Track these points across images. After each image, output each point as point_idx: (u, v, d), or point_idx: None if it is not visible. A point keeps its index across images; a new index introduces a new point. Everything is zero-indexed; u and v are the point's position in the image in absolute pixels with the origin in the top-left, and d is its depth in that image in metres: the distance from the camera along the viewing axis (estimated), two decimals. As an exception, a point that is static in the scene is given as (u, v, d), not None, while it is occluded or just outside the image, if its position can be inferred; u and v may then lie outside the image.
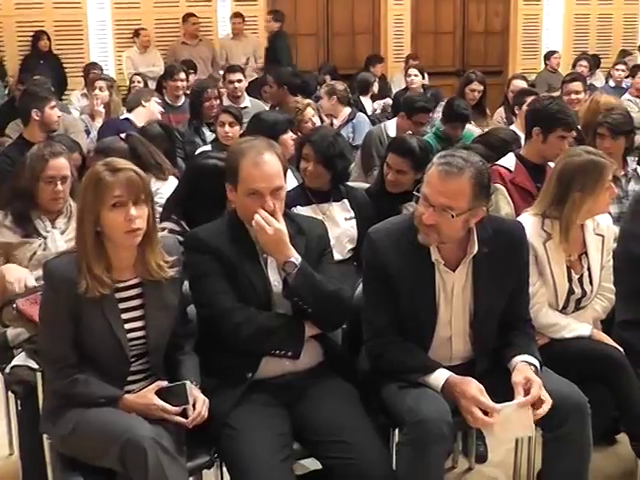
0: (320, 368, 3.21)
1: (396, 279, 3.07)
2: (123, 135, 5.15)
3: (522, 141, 5.11)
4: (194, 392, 2.93)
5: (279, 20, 11.28)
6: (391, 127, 6.40)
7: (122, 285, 2.96)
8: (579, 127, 5.83)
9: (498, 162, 4.54)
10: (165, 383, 2.94)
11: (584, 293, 3.63)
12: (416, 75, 9.68)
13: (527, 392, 2.96)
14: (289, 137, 5.05)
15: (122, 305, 2.96)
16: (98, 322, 2.89)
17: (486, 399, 2.92)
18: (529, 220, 3.56)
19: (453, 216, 2.94)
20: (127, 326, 2.95)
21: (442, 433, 2.86)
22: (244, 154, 3.10)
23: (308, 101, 6.36)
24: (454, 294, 3.13)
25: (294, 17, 12.20)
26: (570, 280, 3.59)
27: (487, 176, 3.03)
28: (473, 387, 2.95)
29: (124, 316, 2.95)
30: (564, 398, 3.03)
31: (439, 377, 3.02)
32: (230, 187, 3.16)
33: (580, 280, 3.62)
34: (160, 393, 2.90)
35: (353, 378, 3.24)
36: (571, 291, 3.60)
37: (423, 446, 2.86)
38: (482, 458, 4.05)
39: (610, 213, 4.32)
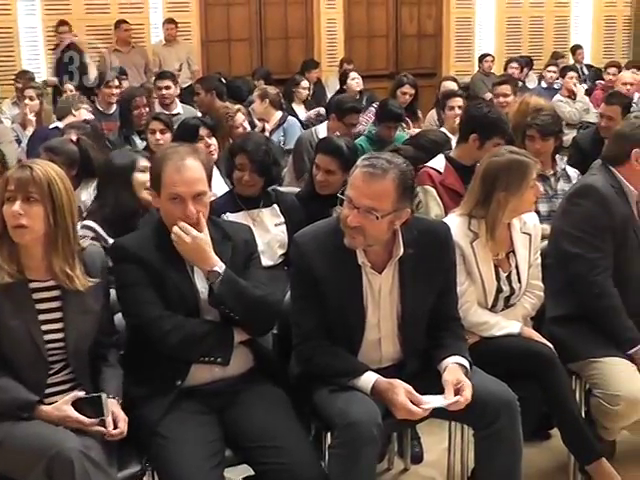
0: (251, 374, 3.21)
1: (323, 283, 3.08)
2: (74, 137, 5.02)
3: (453, 143, 5.14)
4: (111, 406, 2.89)
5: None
6: (322, 131, 6.39)
7: (39, 285, 2.94)
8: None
9: (428, 164, 4.57)
10: (82, 394, 2.90)
11: (512, 291, 3.67)
12: (356, 78, 9.74)
13: (456, 392, 2.98)
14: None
15: (40, 306, 2.94)
16: (13, 320, 2.86)
17: (414, 403, 2.95)
18: (455, 220, 3.60)
19: (378, 218, 2.95)
20: (45, 327, 2.92)
21: (372, 435, 2.87)
22: (167, 160, 3.09)
23: (238, 106, 6.34)
24: (381, 296, 3.14)
25: (227, 22, 12.18)
26: (498, 279, 3.63)
27: (411, 178, 3.05)
28: (401, 394, 2.96)
29: (42, 317, 2.93)
30: (494, 396, 3.07)
31: (368, 380, 3.02)
32: (154, 193, 3.14)
33: (508, 278, 3.66)
34: (76, 404, 2.85)
35: (284, 383, 3.24)
36: (500, 289, 3.64)
37: (354, 448, 2.86)
38: (417, 459, 4.06)
39: (539, 211, 4.41)
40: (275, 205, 4.41)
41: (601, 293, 3.68)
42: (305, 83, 9.70)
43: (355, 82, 9.68)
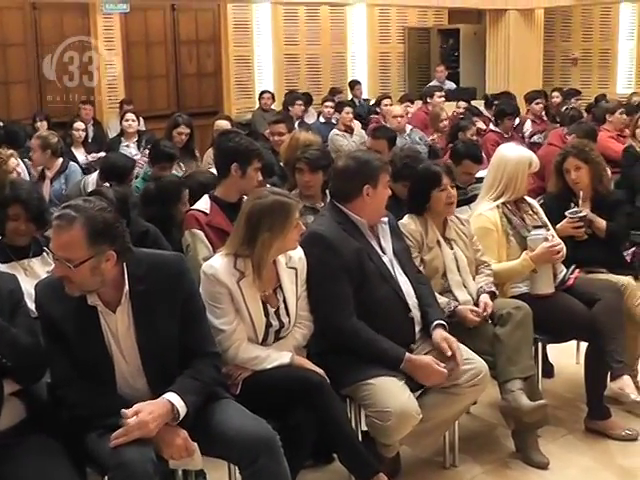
0: (23, 426, 3.17)
1: (62, 327, 3.13)
2: None
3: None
4: None
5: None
6: (91, 182, 6.28)
7: None
8: (282, 164, 6.11)
9: (193, 206, 4.63)
10: None
11: (282, 325, 3.78)
12: (133, 120, 9.69)
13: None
14: None
15: None
16: None
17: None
18: (221, 260, 3.68)
19: (72, 267, 3.01)
20: None
21: (147, 472, 2.91)
22: None
23: (11, 151, 6.24)
24: (120, 333, 3.20)
25: (3, 64, 11.90)
26: (267, 314, 3.72)
27: (102, 220, 3.05)
28: (177, 435, 3.06)
29: None
30: (252, 435, 3.15)
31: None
32: None
33: (277, 313, 3.75)
34: None
35: (59, 431, 3.21)
36: (269, 324, 3.73)
37: (130, 487, 2.89)
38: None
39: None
40: (45, 253, 4.36)
41: (352, 335, 3.86)
42: (79, 125, 9.61)
43: (128, 124, 9.61)
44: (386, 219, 4.10)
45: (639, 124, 7.48)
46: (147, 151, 7.07)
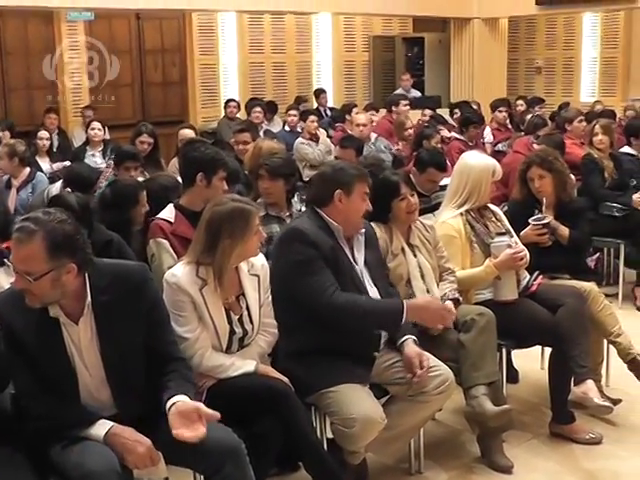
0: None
1: (24, 339, 3.10)
2: None
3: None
4: None
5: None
6: (55, 192, 6.10)
7: None
8: (246, 172, 6.11)
9: (158, 215, 4.62)
10: None
11: (246, 332, 3.78)
12: (99, 129, 9.65)
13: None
14: None
15: None
16: None
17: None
18: (183, 269, 3.67)
19: (32, 281, 2.99)
20: None
21: None
22: None
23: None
24: (83, 345, 3.18)
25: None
26: (230, 322, 3.72)
27: (62, 233, 3.02)
28: (130, 442, 3.03)
29: None
30: (218, 443, 3.13)
31: (100, 428, 3.06)
32: None
33: (240, 320, 3.76)
34: None
35: (23, 443, 3.17)
36: (232, 332, 3.73)
37: (93, 499, 2.87)
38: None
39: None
40: (7, 264, 4.30)
41: (349, 306, 3.82)
42: (43, 134, 9.54)
43: (94, 132, 9.57)
44: (363, 230, 4.12)
45: (596, 131, 7.54)
46: (112, 161, 7.04)
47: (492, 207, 4.98)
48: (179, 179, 7.35)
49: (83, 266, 3.10)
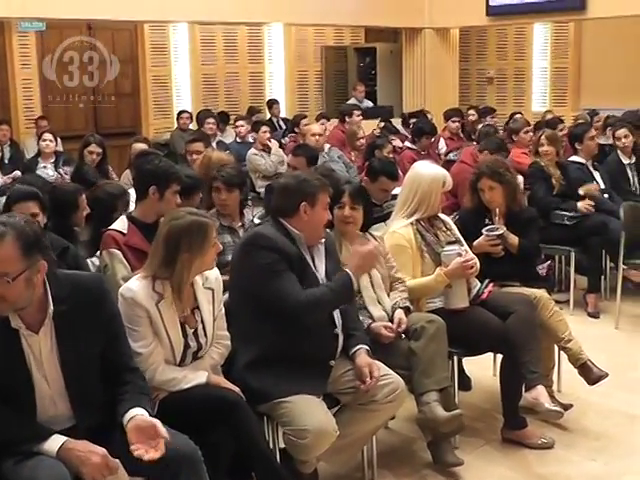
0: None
1: None
2: None
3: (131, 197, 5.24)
4: None
5: None
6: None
7: None
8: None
9: (111, 227, 4.60)
10: None
11: (200, 346, 3.77)
12: (51, 140, 9.56)
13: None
14: None
15: None
16: None
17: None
18: (139, 283, 3.65)
19: (10, 281, 2.98)
20: None
21: None
22: None
23: None
24: (43, 355, 3.16)
25: None
26: (185, 335, 3.71)
27: (31, 231, 3.05)
28: (87, 453, 3.01)
29: None
30: (175, 451, 3.13)
31: (53, 443, 3.04)
32: None
33: (195, 334, 3.75)
34: None
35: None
36: (187, 346, 3.73)
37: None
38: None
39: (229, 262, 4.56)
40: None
41: (310, 300, 3.86)
42: (-7, 145, 9.48)
43: (46, 144, 9.45)
44: (323, 239, 4.14)
45: (542, 142, 7.63)
46: (63, 172, 7.01)
47: (442, 216, 5.04)
48: (114, 177, 7.41)
49: (50, 265, 3.12)
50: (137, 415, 3.12)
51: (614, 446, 4.81)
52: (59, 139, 10.23)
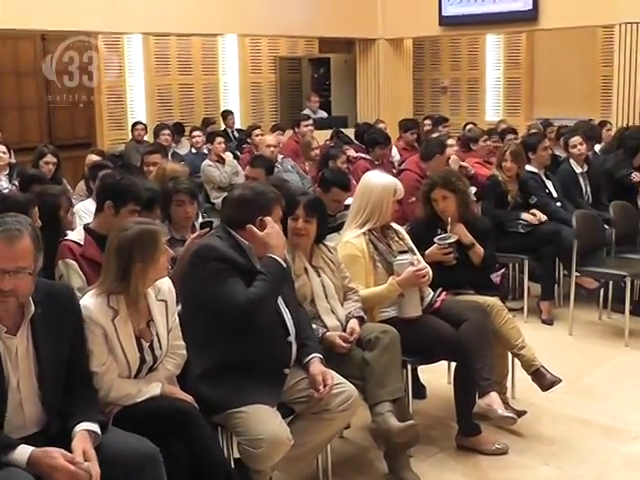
0: None
1: None
2: None
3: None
4: None
5: None
6: None
7: None
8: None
9: (68, 237, 4.61)
10: None
11: (155, 359, 3.75)
12: (4, 152, 9.45)
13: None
14: None
15: None
16: None
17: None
18: (94, 301, 3.60)
19: (30, 274, 3.08)
20: None
21: None
22: None
23: None
24: (19, 358, 3.18)
25: None
26: (141, 349, 3.69)
27: (37, 232, 3.18)
28: (59, 457, 3.01)
29: None
30: (135, 451, 3.19)
31: (22, 453, 3.03)
32: None
33: (151, 347, 3.72)
34: None
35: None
36: (143, 360, 3.70)
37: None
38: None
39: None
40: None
41: (254, 298, 3.83)
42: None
43: (-1, 156, 9.38)
44: None
45: (506, 157, 7.63)
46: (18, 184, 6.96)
47: (395, 226, 5.07)
48: (68, 187, 7.38)
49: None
50: (87, 431, 3.19)
51: (568, 451, 4.87)
52: (12, 151, 10.12)
